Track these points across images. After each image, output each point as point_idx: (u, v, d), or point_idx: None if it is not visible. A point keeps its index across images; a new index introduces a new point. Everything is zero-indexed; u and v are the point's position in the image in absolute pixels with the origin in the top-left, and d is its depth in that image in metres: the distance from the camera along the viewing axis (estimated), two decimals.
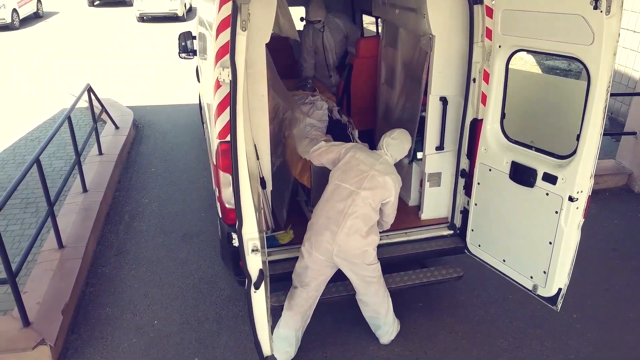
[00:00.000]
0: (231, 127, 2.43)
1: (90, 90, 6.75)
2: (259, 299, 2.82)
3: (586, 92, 3.03)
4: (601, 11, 2.77)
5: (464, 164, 4.11)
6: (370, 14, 5.85)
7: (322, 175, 3.92)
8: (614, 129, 8.00)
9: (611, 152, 7.02)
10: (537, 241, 3.48)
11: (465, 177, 4.13)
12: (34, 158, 4.16)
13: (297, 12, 6.78)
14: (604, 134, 7.93)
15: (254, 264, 2.74)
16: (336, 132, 4.71)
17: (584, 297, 4.51)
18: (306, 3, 5.80)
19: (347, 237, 3.43)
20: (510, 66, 3.61)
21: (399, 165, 3.90)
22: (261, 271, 2.75)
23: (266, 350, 3.01)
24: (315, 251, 3.50)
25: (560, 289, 3.45)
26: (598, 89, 2.95)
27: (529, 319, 4.26)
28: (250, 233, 2.68)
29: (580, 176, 3.15)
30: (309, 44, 6.02)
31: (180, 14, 19.49)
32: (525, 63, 11.82)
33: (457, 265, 4.27)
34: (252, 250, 2.70)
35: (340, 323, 4.13)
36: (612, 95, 8.66)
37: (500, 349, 3.98)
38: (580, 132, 3.12)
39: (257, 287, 2.76)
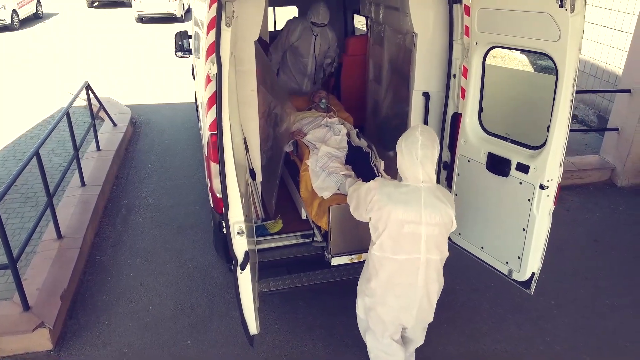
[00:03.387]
0: (217, 116, 2.61)
1: (88, 87, 6.93)
2: (245, 280, 2.99)
3: (555, 85, 3.21)
4: (566, 9, 2.96)
5: (446, 156, 4.29)
6: (359, 13, 6.04)
7: (344, 218, 3.55)
8: (601, 126, 8.18)
9: (597, 148, 7.20)
10: (512, 228, 3.65)
11: (448, 169, 4.30)
12: (34, 151, 4.33)
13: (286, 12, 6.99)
14: (590, 130, 8.07)
15: (240, 246, 2.91)
16: (357, 162, 4.25)
17: (563, 285, 4.70)
18: (311, 3, 5.42)
19: (424, 312, 3.17)
20: (505, 64, 3.79)
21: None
22: (247, 253, 2.92)
23: (252, 329, 3.18)
24: (389, 339, 3.29)
25: (533, 273, 3.63)
26: (565, 82, 3.13)
27: (509, 305, 4.44)
28: (236, 217, 2.86)
29: (550, 165, 3.33)
30: (291, 40, 5.58)
31: (178, 15, 19.67)
32: (518, 63, 12.01)
33: None
34: (238, 233, 2.87)
35: (326, 309, 4.31)
36: (597, 92, 8.83)
37: (479, 333, 4.16)
38: (550, 124, 3.30)
39: (242, 268, 2.93)
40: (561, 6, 2.98)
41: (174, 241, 5.35)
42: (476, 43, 3.73)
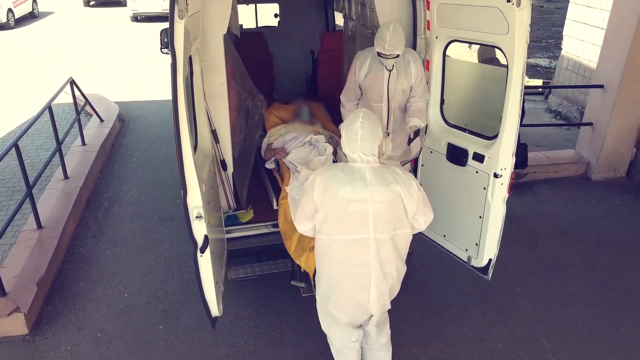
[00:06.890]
0: (172, 104, 2.74)
1: (72, 83, 7.06)
2: (205, 263, 3.11)
3: (507, 77, 3.34)
4: (513, 4, 3.10)
5: None
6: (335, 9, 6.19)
7: None
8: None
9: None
10: (470, 216, 3.79)
11: (416, 160, 4.43)
12: (13, 142, 4.46)
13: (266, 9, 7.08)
14: (563, 125, 8.15)
15: (199, 230, 3.03)
16: None
17: (528, 273, 4.82)
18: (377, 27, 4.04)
19: (383, 295, 3.00)
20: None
21: None
22: (206, 237, 3.04)
23: (214, 311, 3.30)
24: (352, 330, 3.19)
25: (490, 260, 3.76)
26: (515, 74, 3.26)
27: (475, 293, 4.56)
28: (195, 202, 2.98)
29: (502, 154, 3.46)
30: (359, 77, 4.04)
31: None
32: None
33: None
34: (197, 217, 2.99)
35: (296, 295, 4.42)
36: (571, 87, 8.89)
37: (444, 320, 4.28)
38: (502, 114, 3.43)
39: (202, 252, 3.04)
40: (508, 1, 3.12)
41: (154, 232, 5.48)
42: (436, 37, 3.86)
